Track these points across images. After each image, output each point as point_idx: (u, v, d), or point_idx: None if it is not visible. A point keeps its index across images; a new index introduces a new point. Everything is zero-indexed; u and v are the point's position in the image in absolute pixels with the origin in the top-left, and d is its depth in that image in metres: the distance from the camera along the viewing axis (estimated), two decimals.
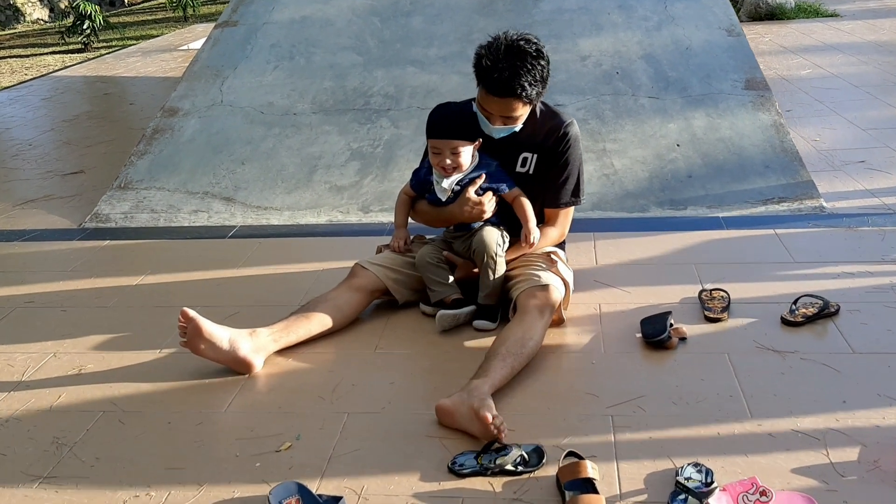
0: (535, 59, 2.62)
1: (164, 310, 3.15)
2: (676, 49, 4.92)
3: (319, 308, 2.84)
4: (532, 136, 2.83)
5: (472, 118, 2.79)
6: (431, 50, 5.19)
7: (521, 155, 2.86)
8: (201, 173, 4.48)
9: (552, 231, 2.94)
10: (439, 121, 2.76)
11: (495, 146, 2.83)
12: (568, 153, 2.84)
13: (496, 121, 2.70)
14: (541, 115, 2.84)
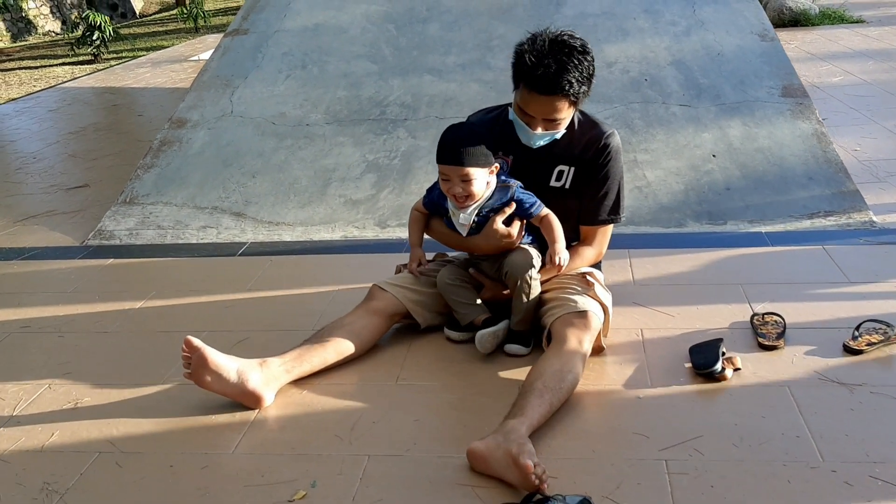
0: (582, 54, 2.41)
1: (169, 336, 2.92)
2: (707, 55, 4.68)
3: (335, 334, 2.60)
4: (569, 148, 2.60)
5: (490, 134, 2.58)
6: (449, 57, 4.98)
7: (556, 168, 2.63)
8: (210, 187, 4.27)
9: (588, 250, 2.70)
10: (448, 143, 2.47)
11: (530, 158, 2.60)
12: (608, 166, 2.61)
13: (537, 125, 2.47)
14: (579, 125, 2.61)
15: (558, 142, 2.58)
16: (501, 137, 2.63)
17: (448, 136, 2.49)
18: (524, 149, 2.60)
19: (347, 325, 2.65)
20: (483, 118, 2.72)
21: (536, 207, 2.54)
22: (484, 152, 2.44)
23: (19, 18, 16.52)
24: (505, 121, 2.64)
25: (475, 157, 2.42)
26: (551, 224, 2.54)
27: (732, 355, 2.48)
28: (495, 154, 2.64)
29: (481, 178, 2.47)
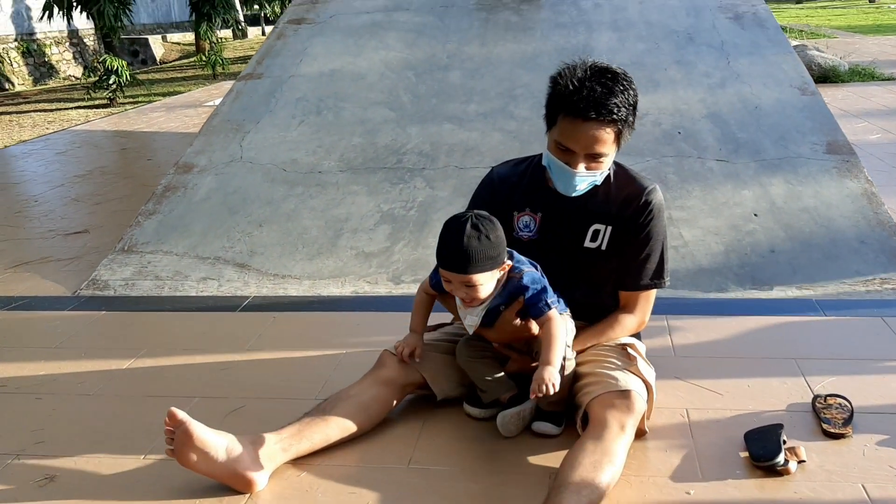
0: (627, 81, 2.14)
1: (156, 401, 2.63)
2: (744, 108, 4.42)
3: (340, 407, 2.30)
4: (605, 205, 2.31)
5: (518, 187, 2.35)
6: (471, 106, 4.75)
7: (591, 227, 2.33)
8: (214, 236, 4.01)
9: (629, 319, 2.40)
10: (449, 246, 2.07)
11: (561, 216, 2.32)
12: (650, 226, 2.32)
13: (578, 161, 2.16)
14: (615, 179, 2.33)
15: (594, 198, 2.30)
16: (531, 191, 2.36)
17: (449, 235, 2.07)
18: (556, 205, 2.32)
19: (354, 396, 2.34)
20: (510, 170, 2.45)
21: (543, 307, 2.15)
22: (491, 255, 2.05)
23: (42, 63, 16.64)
24: (535, 171, 2.36)
25: (481, 262, 2.04)
26: (550, 332, 2.12)
27: (795, 444, 2.15)
28: (522, 210, 2.37)
29: (489, 283, 2.11)
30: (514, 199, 2.38)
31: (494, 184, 2.43)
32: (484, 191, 2.45)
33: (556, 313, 2.16)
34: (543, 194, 2.34)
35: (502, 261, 2.11)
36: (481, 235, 2.03)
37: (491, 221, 2.08)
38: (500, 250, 2.09)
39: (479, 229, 2.04)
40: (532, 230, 2.37)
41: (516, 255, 2.20)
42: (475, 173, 4.16)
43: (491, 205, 2.38)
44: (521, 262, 2.19)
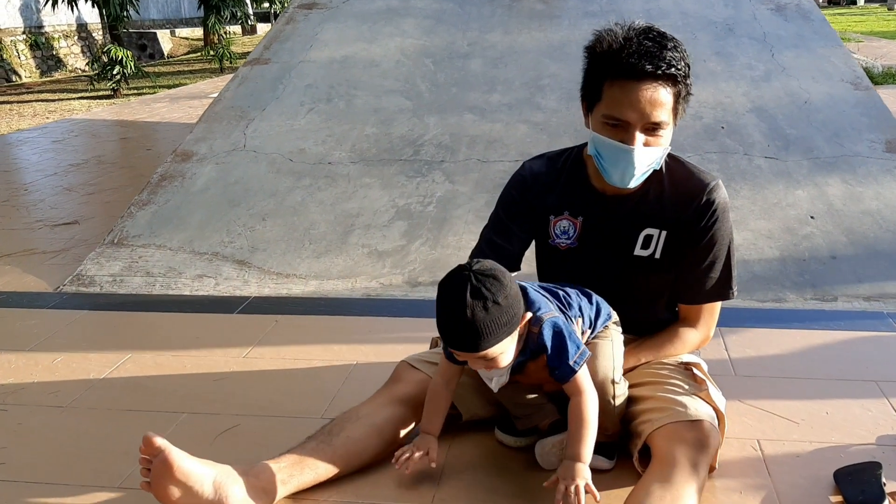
0: (676, 41, 1.79)
1: (137, 417, 2.28)
2: (793, 103, 4.06)
3: (349, 430, 1.94)
4: (659, 205, 1.94)
5: (556, 186, 2.00)
6: (493, 96, 4.39)
7: (643, 232, 1.96)
8: (212, 230, 3.66)
9: (691, 334, 2.04)
10: (451, 322, 1.64)
11: (607, 219, 1.96)
12: (714, 229, 1.94)
13: (633, 134, 1.77)
14: (670, 175, 1.95)
15: (645, 197, 1.94)
16: (569, 190, 1.99)
17: (448, 307, 1.63)
18: (599, 207, 1.96)
19: (365, 417, 1.98)
20: (545, 165, 2.06)
21: (567, 370, 1.72)
22: (505, 321, 1.63)
23: (50, 56, 16.41)
24: (574, 167, 1.99)
25: (494, 334, 1.62)
26: (579, 411, 1.71)
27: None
28: (559, 214, 2.01)
29: (509, 350, 1.69)
30: (549, 200, 2.01)
31: (527, 182, 2.05)
32: (514, 190, 2.07)
33: (583, 376, 1.74)
34: (585, 194, 1.98)
35: (519, 320, 1.67)
36: (487, 302, 1.59)
37: (495, 277, 1.63)
38: (516, 309, 1.65)
39: (483, 294, 1.60)
40: (571, 237, 2.01)
41: (531, 293, 1.76)
42: (499, 167, 3.81)
43: (522, 207, 2.03)
44: (540, 305, 1.75)
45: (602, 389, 1.84)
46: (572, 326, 1.78)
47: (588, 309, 1.87)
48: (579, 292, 1.91)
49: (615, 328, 1.93)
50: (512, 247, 2.05)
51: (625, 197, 1.94)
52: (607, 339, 1.89)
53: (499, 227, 2.07)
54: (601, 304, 1.93)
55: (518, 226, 2.05)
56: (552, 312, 1.75)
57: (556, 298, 1.84)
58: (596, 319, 1.89)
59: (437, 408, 1.92)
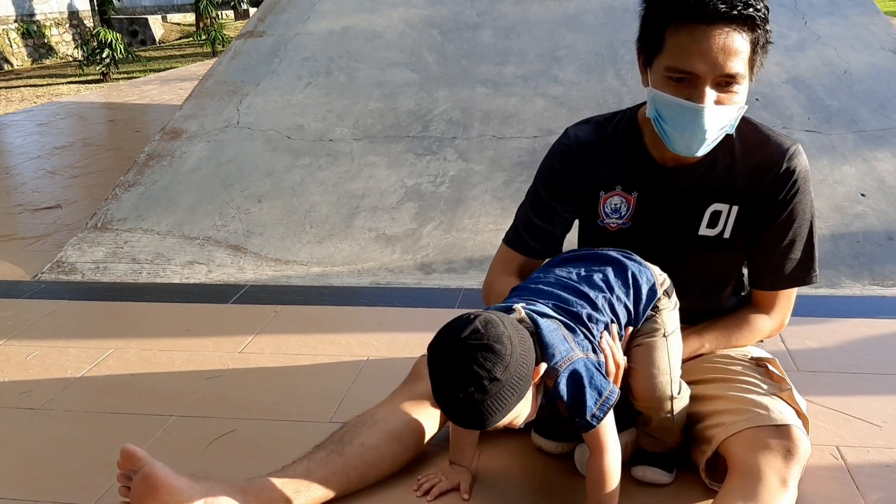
0: None
1: (119, 421, 1.99)
2: (831, 73, 3.76)
3: (363, 437, 1.65)
4: (729, 176, 1.64)
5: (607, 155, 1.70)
6: (507, 68, 4.08)
7: (709, 208, 1.66)
8: (203, 212, 3.35)
9: (764, 322, 1.75)
10: (446, 400, 1.33)
11: (666, 193, 1.66)
12: (794, 202, 1.64)
13: (703, 90, 1.47)
14: (742, 139, 1.65)
15: (712, 168, 1.64)
16: (622, 161, 1.69)
17: (443, 387, 1.33)
18: (658, 180, 1.66)
19: (382, 421, 1.69)
20: (592, 132, 1.75)
21: (587, 423, 1.40)
22: (507, 393, 1.30)
23: (41, 45, 16.12)
24: (627, 133, 1.69)
25: (500, 409, 1.30)
26: (599, 472, 1.44)
27: None
28: (611, 189, 1.71)
29: (523, 410, 1.37)
30: (599, 173, 1.71)
31: (572, 152, 1.73)
32: (558, 162, 1.75)
33: (605, 430, 1.42)
34: (640, 165, 1.68)
35: (529, 380, 1.34)
36: (484, 382, 1.28)
37: (489, 348, 1.29)
38: (522, 373, 1.31)
39: (477, 374, 1.27)
40: (623, 216, 1.71)
41: (545, 335, 1.40)
42: (516, 144, 3.51)
43: (566, 181, 1.73)
44: (554, 351, 1.39)
45: (658, 407, 1.56)
46: (594, 360, 1.45)
47: (625, 296, 1.55)
48: (613, 271, 1.56)
49: (667, 306, 1.58)
50: (553, 228, 1.76)
51: (689, 167, 1.64)
52: (659, 334, 1.56)
53: (538, 206, 1.77)
54: (639, 274, 1.56)
55: (561, 204, 1.75)
56: (570, 357, 1.40)
57: (577, 309, 1.49)
58: (637, 305, 1.56)
59: (468, 434, 1.64)
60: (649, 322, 1.56)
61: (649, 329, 1.56)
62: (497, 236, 3.04)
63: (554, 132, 3.52)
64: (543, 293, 1.53)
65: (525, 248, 1.77)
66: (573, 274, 1.57)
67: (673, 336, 1.57)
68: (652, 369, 1.54)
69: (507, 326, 1.33)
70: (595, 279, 1.54)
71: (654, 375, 1.54)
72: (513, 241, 1.80)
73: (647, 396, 1.55)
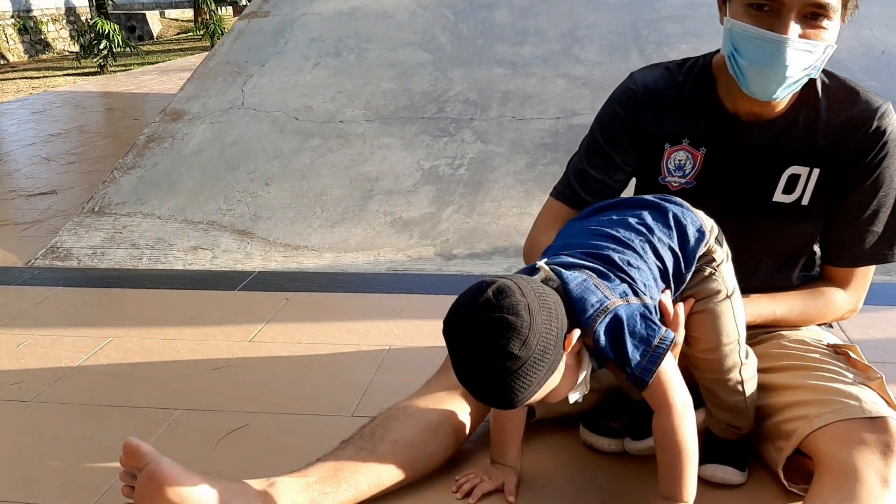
0: None
1: (120, 414, 1.81)
2: (868, 53, 3.59)
3: (397, 432, 1.46)
4: (810, 135, 1.45)
5: (674, 106, 1.50)
6: (525, 48, 3.90)
7: (786, 171, 1.47)
8: (207, 196, 3.17)
9: (840, 297, 1.56)
10: (468, 378, 1.16)
11: (737, 153, 1.47)
12: (883, 166, 1.45)
13: (787, 21, 1.29)
14: (827, 95, 1.46)
15: (791, 125, 1.45)
16: (693, 112, 1.50)
17: (463, 366, 1.16)
18: (730, 136, 1.47)
19: (417, 414, 1.50)
20: (661, 77, 1.55)
21: (643, 375, 1.19)
22: (532, 370, 1.12)
23: (38, 41, 15.96)
24: (701, 78, 1.51)
25: (524, 388, 1.12)
26: (668, 434, 1.24)
27: None
28: (677, 143, 1.52)
29: (560, 385, 1.19)
30: (666, 123, 1.52)
31: (638, 98, 1.52)
32: (620, 107, 1.54)
33: (666, 380, 1.21)
34: (712, 118, 1.49)
35: (560, 351, 1.15)
36: (502, 361, 1.10)
37: (506, 323, 1.10)
38: (547, 345, 1.12)
39: (496, 351, 1.10)
40: (687, 174, 1.52)
41: (573, 291, 1.20)
42: (538, 126, 3.32)
43: (630, 130, 1.53)
44: (586, 305, 1.19)
45: (726, 378, 1.37)
46: (637, 305, 1.22)
47: (668, 237, 1.30)
48: (650, 214, 1.33)
49: (721, 257, 1.34)
50: (609, 180, 1.56)
51: (766, 124, 1.45)
52: (721, 296, 1.32)
53: (595, 155, 1.56)
54: (682, 215, 1.33)
55: (621, 154, 1.55)
56: (605, 307, 1.19)
57: (609, 253, 1.27)
58: (685, 248, 1.31)
59: (511, 428, 1.45)
60: (707, 281, 1.33)
61: (709, 290, 1.33)
62: (521, 221, 2.88)
63: (578, 113, 3.34)
64: (569, 246, 1.33)
65: (576, 200, 1.56)
66: (605, 220, 1.36)
67: (735, 295, 1.36)
68: (721, 338, 1.34)
69: (526, 293, 1.13)
70: (630, 222, 1.32)
71: (722, 345, 1.34)
72: (562, 194, 1.59)
73: (715, 368, 1.36)
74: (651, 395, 1.23)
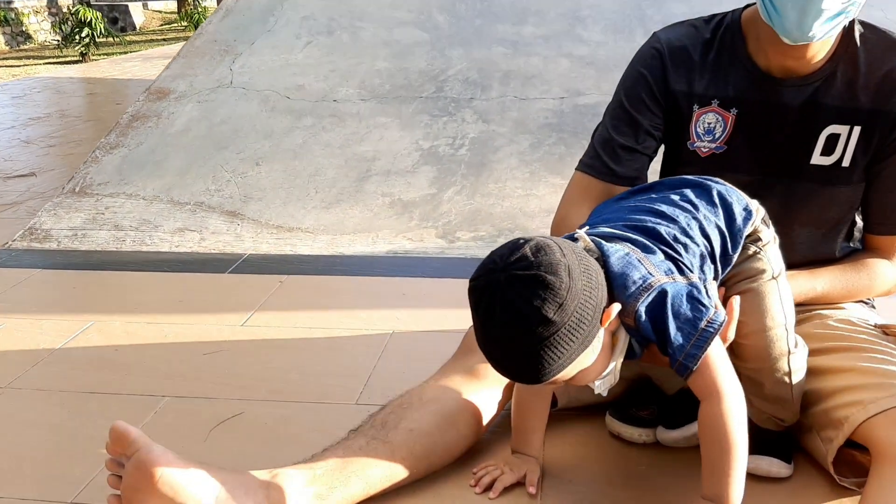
0: None
1: (102, 401, 1.66)
2: None
3: (410, 421, 1.32)
4: (849, 92, 1.33)
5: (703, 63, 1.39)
6: (525, 28, 3.77)
7: (825, 131, 1.35)
8: (195, 176, 3.01)
9: (887, 269, 1.43)
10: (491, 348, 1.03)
11: (770, 111, 1.36)
12: None
13: None
14: (866, 48, 1.34)
15: (831, 80, 1.33)
16: (721, 69, 1.38)
17: (481, 333, 1.03)
18: (763, 93, 1.35)
19: (432, 401, 1.36)
20: (686, 34, 1.42)
21: (687, 361, 1.07)
22: (566, 339, 0.98)
23: (19, 32, 15.69)
24: (729, 35, 1.39)
25: (553, 361, 0.99)
26: (714, 426, 1.09)
27: None
28: (706, 104, 1.40)
29: (592, 366, 1.06)
30: (694, 84, 1.40)
31: (662, 57, 1.40)
32: (646, 69, 1.42)
33: (713, 366, 1.08)
34: (743, 76, 1.37)
35: (596, 324, 1.02)
36: (533, 326, 0.97)
37: (539, 279, 0.97)
38: (585, 315, 1.00)
39: (525, 314, 0.97)
40: (717, 138, 1.40)
41: (614, 264, 1.07)
42: (541, 105, 3.20)
43: (655, 91, 1.41)
44: (627, 281, 1.06)
45: (772, 367, 1.25)
46: (683, 284, 1.10)
47: (713, 215, 1.18)
48: (693, 192, 1.21)
49: (768, 238, 1.22)
50: (640, 146, 1.43)
51: (802, 80, 1.33)
52: (766, 276, 1.20)
53: (620, 122, 1.44)
54: (727, 193, 1.21)
55: (648, 118, 1.42)
56: (649, 284, 1.06)
57: (653, 226, 1.15)
58: (731, 226, 1.18)
59: (535, 413, 1.31)
60: (751, 260, 1.21)
61: (753, 269, 1.20)
62: (527, 202, 2.75)
63: (583, 93, 3.22)
64: (608, 220, 1.20)
65: (605, 172, 1.43)
66: (643, 199, 1.23)
67: (782, 278, 1.24)
68: (765, 320, 1.21)
69: (567, 254, 1.00)
70: (673, 198, 1.20)
71: (767, 328, 1.21)
72: (590, 166, 1.46)
73: (759, 356, 1.24)
74: (696, 382, 1.10)
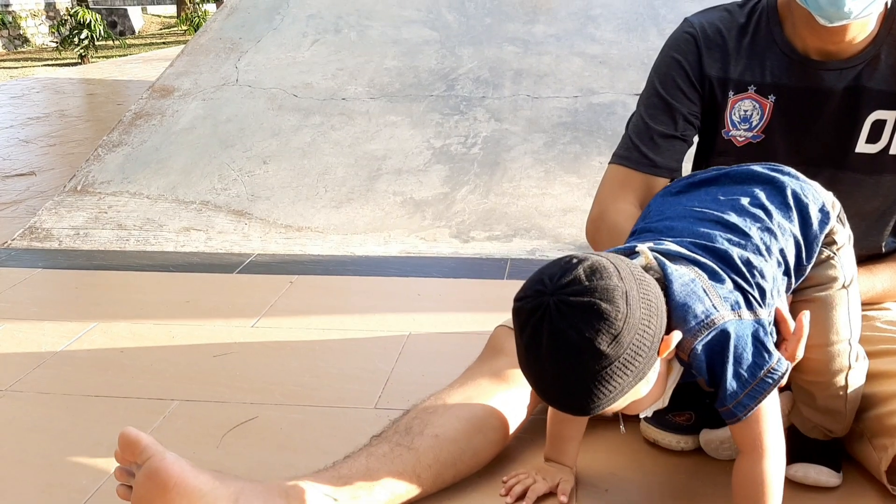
0: None
1: (108, 405, 1.58)
2: None
3: (436, 426, 1.25)
4: (893, 75, 1.27)
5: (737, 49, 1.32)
6: (536, 27, 3.70)
7: (869, 117, 1.28)
8: (200, 174, 2.93)
9: None
10: (539, 377, 0.95)
11: (810, 97, 1.28)
12: None
13: None
14: None
15: (874, 63, 1.26)
16: (758, 54, 1.31)
17: (526, 362, 0.95)
18: (802, 78, 1.28)
19: (458, 407, 1.29)
20: (721, 19, 1.35)
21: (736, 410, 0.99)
22: (618, 373, 0.90)
23: (17, 36, 15.64)
24: (765, 19, 1.31)
25: (603, 395, 0.91)
26: (749, 482, 1.04)
27: None
28: (742, 90, 1.33)
29: (646, 396, 0.98)
30: (729, 69, 1.33)
31: (696, 41, 1.34)
32: (680, 54, 1.35)
33: (762, 419, 1.01)
34: (779, 61, 1.30)
35: (652, 357, 0.94)
36: (586, 354, 0.89)
37: (592, 307, 0.89)
38: (642, 346, 0.92)
39: (578, 343, 0.89)
40: (754, 126, 1.33)
41: (676, 293, 0.97)
42: (555, 104, 3.13)
43: (690, 77, 1.34)
44: (688, 315, 0.97)
45: (829, 382, 1.17)
46: (750, 322, 1.00)
47: (788, 221, 1.08)
48: (764, 191, 1.11)
49: (843, 240, 1.12)
50: (679, 133, 1.35)
51: (843, 63, 1.26)
52: (837, 284, 1.12)
53: (657, 110, 1.36)
54: (802, 191, 1.10)
55: (685, 104, 1.34)
56: (712, 320, 0.97)
57: (726, 247, 1.04)
58: (807, 233, 1.09)
59: (572, 423, 1.23)
60: (822, 266, 1.11)
61: (824, 277, 1.12)
62: (542, 201, 2.67)
63: (597, 92, 3.15)
64: (674, 231, 1.11)
65: (644, 163, 1.35)
66: (709, 199, 1.12)
67: (854, 286, 1.16)
68: (829, 335, 1.13)
69: (625, 277, 0.91)
70: (742, 203, 1.09)
71: (831, 343, 1.14)
72: (626, 158, 1.38)
73: (818, 370, 1.16)
74: (741, 432, 1.02)
